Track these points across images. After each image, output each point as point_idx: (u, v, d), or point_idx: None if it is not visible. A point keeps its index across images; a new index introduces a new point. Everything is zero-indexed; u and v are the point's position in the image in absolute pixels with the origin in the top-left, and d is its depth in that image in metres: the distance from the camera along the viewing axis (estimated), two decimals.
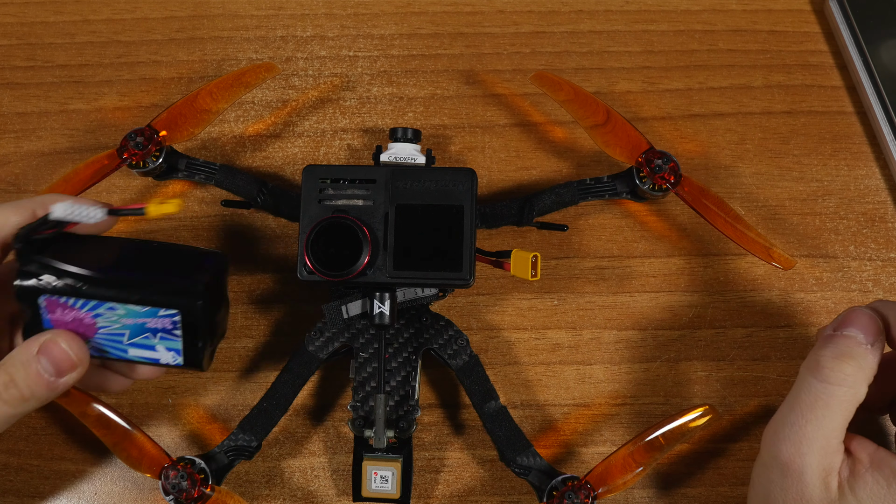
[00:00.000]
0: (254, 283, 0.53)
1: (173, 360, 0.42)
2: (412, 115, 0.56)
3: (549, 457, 0.50)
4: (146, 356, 0.42)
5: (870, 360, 0.40)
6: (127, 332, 0.41)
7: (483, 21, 0.58)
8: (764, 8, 0.58)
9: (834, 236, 0.54)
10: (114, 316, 0.41)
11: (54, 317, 0.41)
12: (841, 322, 0.41)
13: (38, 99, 0.56)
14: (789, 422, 0.40)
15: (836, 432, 0.40)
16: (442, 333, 0.48)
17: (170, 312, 0.41)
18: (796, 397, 0.40)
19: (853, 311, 0.41)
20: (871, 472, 0.39)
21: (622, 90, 0.56)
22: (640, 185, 0.49)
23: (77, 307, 0.41)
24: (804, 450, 0.39)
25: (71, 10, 0.58)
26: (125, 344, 0.42)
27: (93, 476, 0.50)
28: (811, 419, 0.39)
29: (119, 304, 0.41)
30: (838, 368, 0.39)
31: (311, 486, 0.51)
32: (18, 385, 0.39)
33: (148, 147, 0.49)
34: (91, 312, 0.41)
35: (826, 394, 0.39)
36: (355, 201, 0.45)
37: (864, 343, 0.40)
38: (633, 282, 0.53)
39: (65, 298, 0.40)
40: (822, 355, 0.40)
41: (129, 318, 0.41)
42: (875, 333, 0.40)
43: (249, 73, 0.52)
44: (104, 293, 0.40)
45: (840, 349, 0.40)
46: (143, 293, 0.41)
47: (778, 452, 0.40)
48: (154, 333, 0.41)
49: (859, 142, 0.55)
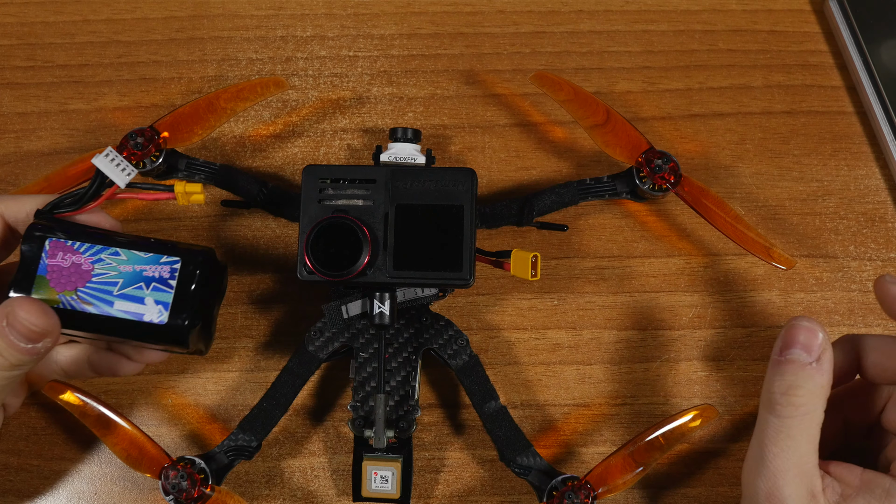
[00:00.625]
0: (254, 283, 0.53)
1: (157, 317, 0.42)
2: (412, 115, 0.56)
3: (549, 457, 0.50)
4: (131, 310, 0.42)
5: (819, 380, 0.40)
6: (121, 280, 0.42)
7: (483, 21, 0.58)
8: (764, 8, 0.58)
9: (834, 236, 0.54)
10: (114, 262, 0.42)
11: (53, 261, 0.42)
12: (783, 343, 0.41)
13: (38, 99, 0.56)
14: (759, 458, 0.41)
15: (806, 457, 0.40)
16: (442, 333, 0.48)
17: (171, 259, 0.42)
18: (760, 434, 0.41)
19: (791, 329, 0.41)
20: (862, 493, 0.40)
21: (622, 90, 0.56)
22: (640, 185, 0.49)
23: (81, 251, 0.42)
24: (780, 482, 0.40)
25: (71, 10, 0.58)
26: (114, 294, 0.42)
27: (93, 476, 0.50)
28: (778, 453, 0.40)
29: (123, 250, 0.42)
30: (789, 402, 0.40)
31: (311, 486, 0.51)
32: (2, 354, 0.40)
33: (147, 147, 0.49)
34: (93, 257, 0.42)
35: (785, 427, 0.40)
36: (355, 201, 0.45)
37: (809, 361, 0.40)
38: (633, 282, 0.53)
39: (72, 242, 0.42)
40: (773, 392, 0.41)
41: (128, 265, 0.42)
42: (817, 347, 0.41)
43: (260, 85, 0.52)
44: (114, 240, 0.43)
45: (787, 381, 0.40)
46: (150, 244, 0.43)
47: (757, 490, 0.40)
48: (148, 283, 0.42)
49: (859, 142, 0.55)
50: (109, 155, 0.43)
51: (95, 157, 0.42)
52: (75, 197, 0.43)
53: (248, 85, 0.52)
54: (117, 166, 0.43)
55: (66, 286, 0.42)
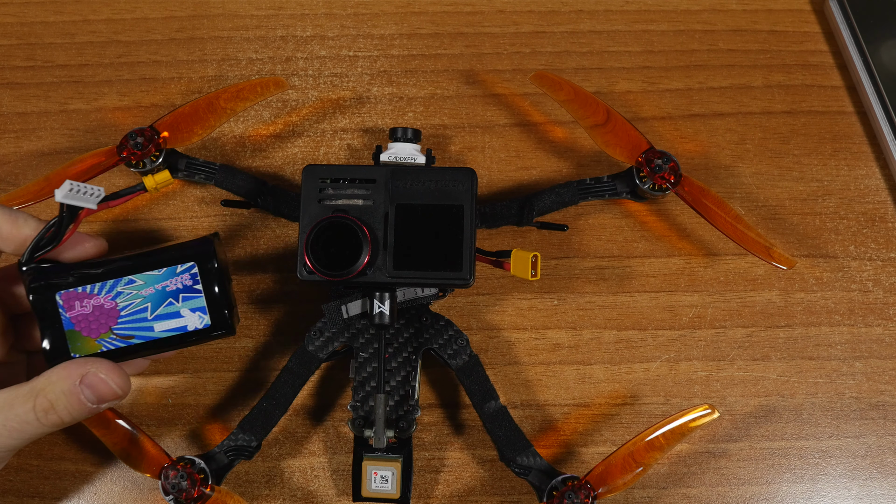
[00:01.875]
0: (254, 283, 0.53)
1: (201, 322, 0.43)
2: (412, 115, 0.56)
3: (549, 457, 0.50)
4: (174, 327, 0.43)
5: None
6: (149, 304, 0.42)
7: (483, 21, 0.58)
8: (764, 8, 0.58)
9: (834, 236, 0.54)
10: (133, 290, 0.42)
11: (74, 313, 0.42)
12: None
13: (38, 99, 0.56)
14: None
15: None
16: (442, 333, 0.48)
17: (186, 266, 0.43)
18: None
19: None
20: None
21: (622, 90, 0.56)
22: (640, 184, 0.49)
23: (95, 293, 0.42)
24: None
25: (71, 10, 0.58)
26: (150, 320, 0.42)
27: (93, 476, 0.50)
28: None
29: (136, 276, 0.42)
30: None
31: (311, 486, 0.51)
32: (59, 412, 0.40)
33: (147, 147, 0.49)
34: (110, 294, 0.42)
35: None
36: (355, 201, 0.45)
37: None
38: (633, 282, 0.53)
39: (82, 287, 0.42)
40: None
41: (148, 288, 0.42)
42: None
43: (260, 85, 0.52)
44: (119, 269, 0.42)
45: None
46: (156, 257, 0.43)
47: None
48: (176, 297, 0.42)
49: (859, 142, 0.55)
50: (70, 187, 0.40)
51: (57, 194, 0.40)
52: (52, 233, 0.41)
53: (248, 85, 0.52)
54: (83, 193, 0.41)
55: (101, 330, 0.42)
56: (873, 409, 0.51)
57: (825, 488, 0.50)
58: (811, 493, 0.50)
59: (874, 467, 0.51)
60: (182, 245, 0.44)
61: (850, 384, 0.51)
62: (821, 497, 0.50)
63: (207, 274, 0.43)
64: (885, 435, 0.51)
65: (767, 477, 0.50)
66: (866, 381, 0.52)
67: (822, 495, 0.50)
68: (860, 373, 0.52)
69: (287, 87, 0.54)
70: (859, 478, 0.50)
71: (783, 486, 0.50)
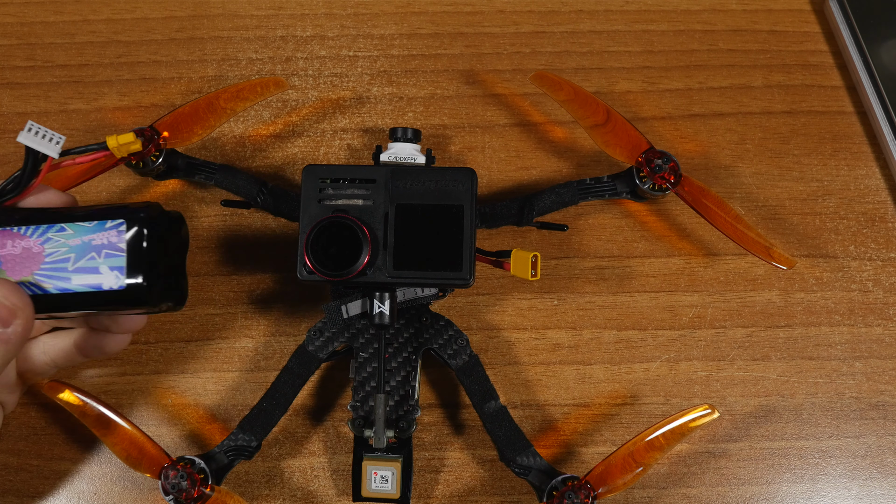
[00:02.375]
0: (254, 283, 0.53)
1: (116, 283, 0.42)
2: (412, 115, 0.56)
3: (549, 457, 0.50)
4: (90, 283, 0.42)
5: None
6: (73, 255, 0.42)
7: (483, 21, 0.58)
8: (764, 8, 0.58)
9: (834, 236, 0.54)
10: (62, 239, 0.42)
11: (4, 251, 0.42)
12: None
13: (38, 99, 0.56)
14: None
15: None
16: (442, 333, 0.48)
17: (116, 223, 0.42)
18: None
19: None
20: None
21: (622, 90, 0.56)
22: (640, 184, 0.49)
23: (28, 234, 0.42)
24: None
25: (71, 10, 0.58)
26: (70, 271, 0.42)
27: (93, 476, 0.50)
28: None
29: (68, 225, 0.42)
30: None
31: (311, 486, 0.51)
32: None
33: (147, 147, 0.49)
34: (40, 239, 0.42)
35: None
36: (355, 201, 0.45)
37: None
38: (633, 282, 0.53)
39: (17, 228, 0.42)
40: None
41: (76, 238, 0.42)
42: None
43: (260, 85, 0.52)
44: (57, 215, 0.42)
45: None
46: (92, 210, 0.42)
47: None
48: (99, 252, 0.42)
49: (859, 142, 0.55)
50: (32, 129, 0.42)
51: (20, 135, 0.41)
52: (15, 181, 0.42)
53: (248, 85, 0.52)
54: (44, 137, 0.42)
55: (23, 272, 0.42)
56: (873, 409, 0.51)
57: (825, 488, 0.50)
58: (811, 493, 0.50)
59: (874, 467, 0.51)
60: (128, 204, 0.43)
61: (850, 384, 0.51)
62: (821, 497, 0.50)
63: (135, 235, 0.42)
64: (885, 435, 0.51)
65: (767, 477, 0.50)
66: (866, 381, 0.52)
67: (822, 495, 0.50)
68: (860, 373, 0.52)
69: (287, 87, 0.54)
70: (859, 478, 0.50)
71: (783, 486, 0.50)
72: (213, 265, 0.53)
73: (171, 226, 0.44)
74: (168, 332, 0.52)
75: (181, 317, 0.52)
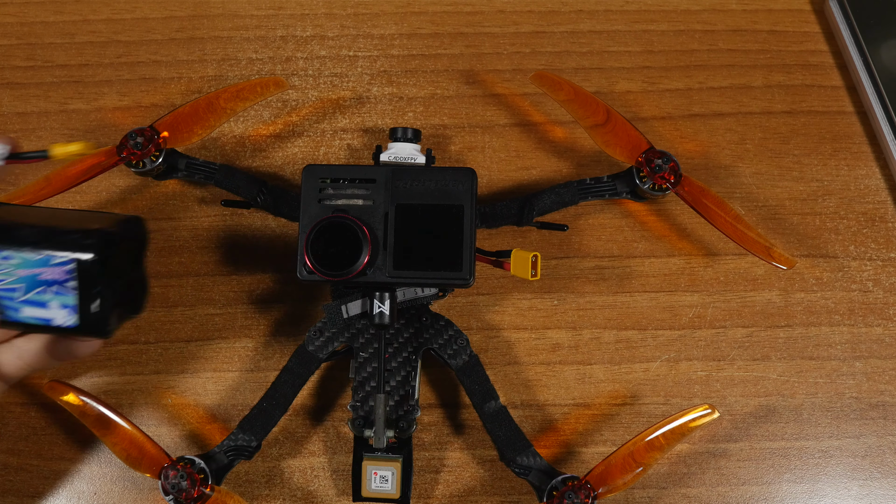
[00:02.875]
0: (254, 283, 0.53)
1: (67, 321, 0.39)
2: (412, 115, 0.56)
3: (549, 457, 0.50)
4: (38, 316, 0.40)
5: None
6: (22, 285, 0.39)
7: (483, 21, 0.58)
8: (764, 8, 0.58)
9: (834, 236, 0.54)
10: (8, 267, 0.39)
11: None
12: None
13: (38, 99, 0.56)
14: None
15: None
16: (442, 333, 0.48)
17: (63, 259, 0.39)
18: None
19: None
20: None
21: (622, 90, 0.56)
22: (640, 184, 0.49)
23: None
24: None
25: (71, 10, 0.58)
26: (18, 301, 0.39)
27: (93, 476, 0.50)
28: None
29: (13, 252, 0.39)
30: None
31: (311, 486, 0.51)
32: None
33: (147, 147, 0.49)
34: None
35: None
36: (355, 201, 0.45)
37: None
38: (633, 282, 0.53)
39: None
40: None
41: (23, 269, 0.39)
42: None
43: (260, 85, 0.52)
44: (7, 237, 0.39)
45: None
46: (36, 239, 0.39)
47: None
48: (48, 287, 0.39)
49: (859, 142, 0.55)
50: None
51: None
52: None
53: (247, 85, 0.52)
54: None
55: None
56: (873, 409, 0.51)
57: (825, 488, 0.50)
58: (811, 493, 0.50)
59: (874, 467, 0.51)
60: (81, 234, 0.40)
61: (850, 384, 0.51)
62: (821, 497, 0.50)
63: (85, 274, 0.39)
64: (885, 435, 0.51)
65: (767, 477, 0.50)
66: (866, 381, 0.52)
67: (822, 495, 0.50)
68: (860, 373, 0.52)
69: (287, 87, 0.54)
70: (859, 478, 0.50)
71: (783, 486, 0.50)
72: (213, 265, 0.53)
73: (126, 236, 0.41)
74: (168, 332, 0.52)
75: (181, 317, 0.52)
